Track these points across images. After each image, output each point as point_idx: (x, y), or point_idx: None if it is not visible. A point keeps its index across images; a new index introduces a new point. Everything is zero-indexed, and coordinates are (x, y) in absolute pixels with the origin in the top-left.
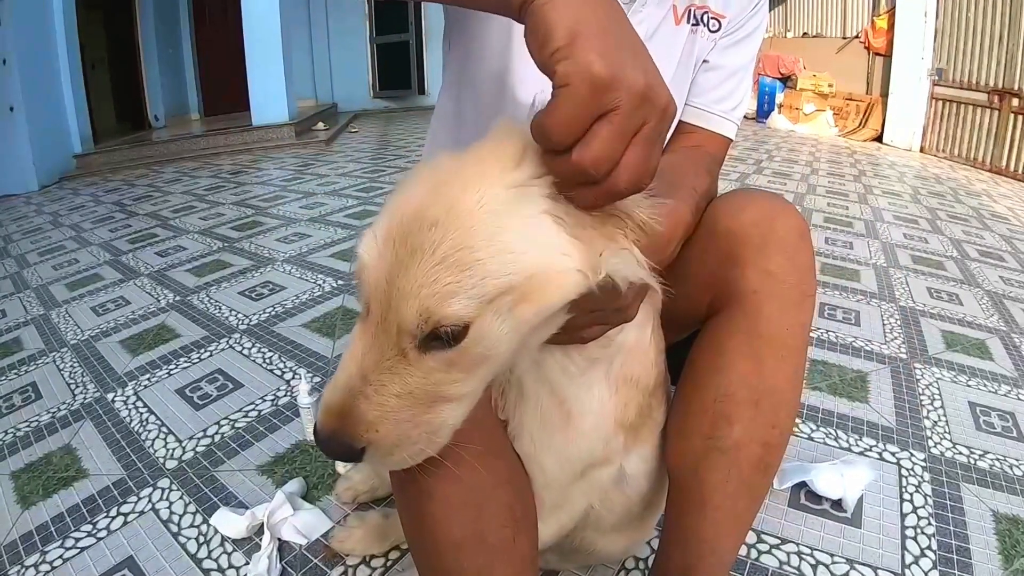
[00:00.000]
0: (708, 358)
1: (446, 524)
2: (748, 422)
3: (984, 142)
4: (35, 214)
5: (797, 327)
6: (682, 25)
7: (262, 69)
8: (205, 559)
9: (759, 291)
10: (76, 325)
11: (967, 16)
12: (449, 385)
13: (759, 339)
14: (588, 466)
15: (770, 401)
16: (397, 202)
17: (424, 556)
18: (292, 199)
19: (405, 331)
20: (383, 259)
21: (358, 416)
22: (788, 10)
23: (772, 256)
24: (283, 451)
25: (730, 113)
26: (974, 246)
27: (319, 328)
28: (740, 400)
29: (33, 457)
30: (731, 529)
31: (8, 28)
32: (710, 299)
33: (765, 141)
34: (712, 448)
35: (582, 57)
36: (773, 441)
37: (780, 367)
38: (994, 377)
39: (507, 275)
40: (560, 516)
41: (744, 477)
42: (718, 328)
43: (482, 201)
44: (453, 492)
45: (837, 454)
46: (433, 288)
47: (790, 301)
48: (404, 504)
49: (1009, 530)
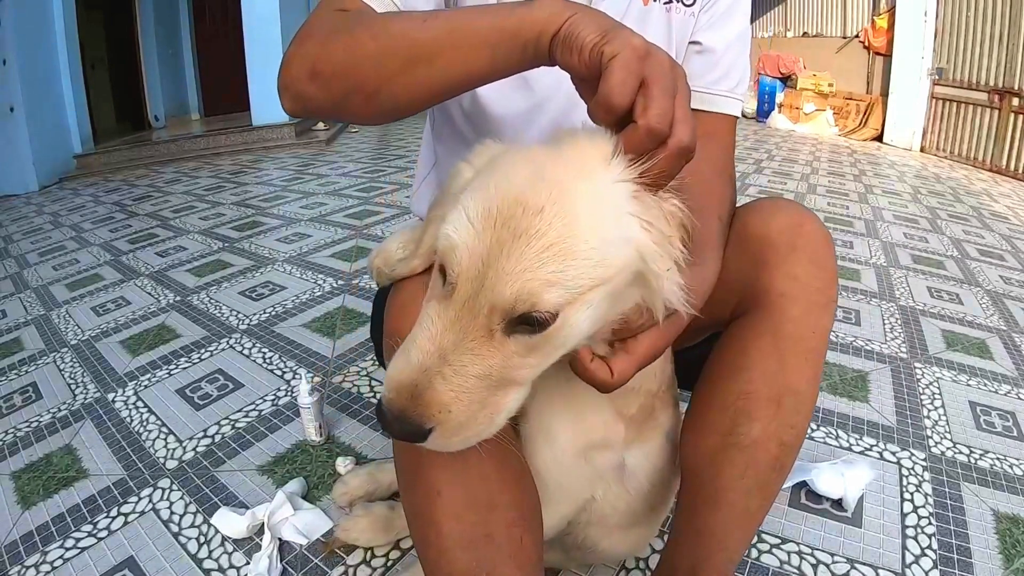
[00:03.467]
0: (730, 358)
1: (455, 523)
2: (768, 420)
3: (984, 141)
4: (35, 214)
5: (820, 331)
6: (651, 5)
7: (262, 69)
8: (206, 559)
9: (786, 294)
10: (76, 325)
11: (967, 16)
12: (522, 369)
13: (784, 340)
14: (589, 446)
15: (790, 401)
16: (492, 186)
17: (432, 554)
18: (292, 199)
19: (498, 312)
20: (481, 241)
21: (432, 396)
22: (788, 10)
23: (799, 261)
24: (283, 451)
25: (732, 91)
26: (974, 245)
27: (319, 328)
28: (762, 398)
29: (33, 457)
30: (742, 526)
31: (8, 28)
32: (736, 302)
33: (765, 140)
34: (730, 445)
35: (621, 38)
36: (789, 441)
37: (802, 368)
38: (994, 376)
39: (605, 268)
40: (561, 506)
41: (759, 475)
42: (743, 329)
43: (589, 192)
44: (462, 491)
45: (838, 453)
46: (537, 273)
47: (815, 305)
48: (412, 502)
49: (1009, 529)
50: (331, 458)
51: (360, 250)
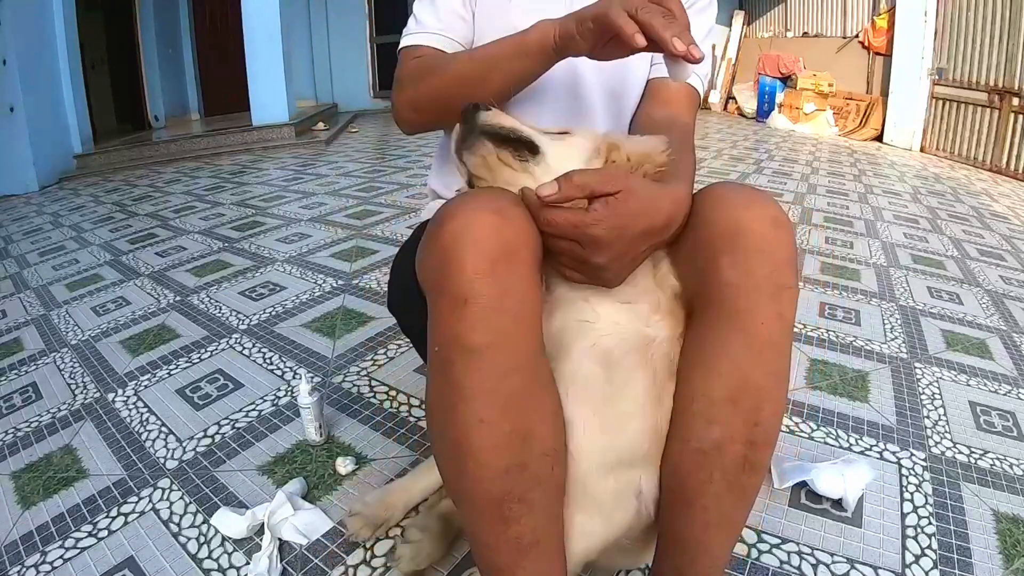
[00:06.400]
0: (687, 357)
1: (494, 452)
2: (727, 422)
3: (984, 141)
4: (35, 214)
5: (773, 320)
6: None
7: (262, 69)
8: (205, 559)
9: (732, 283)
10: (76, 325)
11: (967, 16)
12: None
13: (734, 334)
14: (617, 460)
15: (749, 398)
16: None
17: (467, 483)
18: (292, 199)
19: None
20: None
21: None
22: (788, 10)
23: (743, 247)
24: (283, 451)
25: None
26: (974, 245)
27: (319, 328)
28: (717, 399)
29: (33, 457)
30: (721, 530)
31: (8, 28)
32: (691, 296)
33: (765, 140)
34: (692, 450)
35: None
36: (758, 439)
37: (757, 362)
38: (994, 376)
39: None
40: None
41: (729, 477)
42: (698, 325)
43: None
44: (504, 422)
45: (837, 453)
46: None
47: (763, 293)
48: (450, 436)
49: (1009, 529)
50: (331, 458)
51: (360, 250)
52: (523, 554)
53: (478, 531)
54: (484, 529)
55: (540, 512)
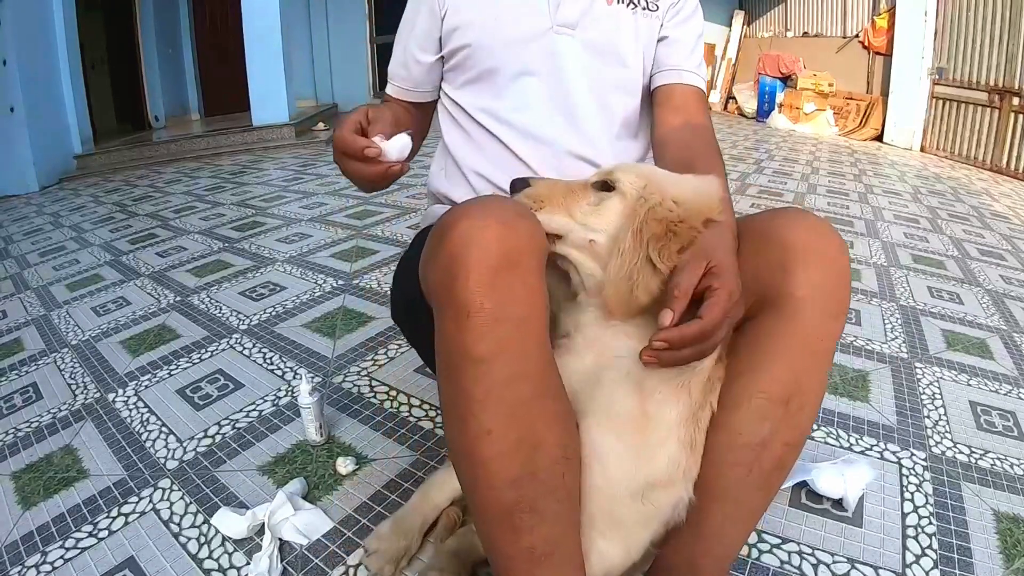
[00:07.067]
0: (744, 357)
1: (503, 462)
2: (777, 421)
3: (984, 141)
4: (35, 215)
5: (832, 336)
6: (615, 6)
7: (262, 69)
8: (206, 559)
9: (804, 298)
10: (77, 325)
11: (967, 16)
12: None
13: (798, 343)
14: (649, 485)
15: (798, 402)
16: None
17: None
18: (292, 199)
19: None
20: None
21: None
22: (788, 10)
23: (820, 267)
24: (284, 451)
25: (697, 69)
26: (974, 245)
27: (319, 328)
28: (774, 398)
29: (34, 457)
30: (743, 523)
31: (8, 28)
32: (752, 303)
33: (765, 140)
34: (741, 444)
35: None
36: (794, 441)
37: (811, 371)
38: (995, 376)
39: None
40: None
41: (764, 474)
42: (758, 330)
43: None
44: (511, 431)
45: (838, 453)
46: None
47: (829, 312)
48: (461, 444)
49: (1010, 529)
50: (331, 458)
51: (360, 250)
52: (537, 564)
53: (493, 541)
54: (498, 539)
55: (553, 522)
